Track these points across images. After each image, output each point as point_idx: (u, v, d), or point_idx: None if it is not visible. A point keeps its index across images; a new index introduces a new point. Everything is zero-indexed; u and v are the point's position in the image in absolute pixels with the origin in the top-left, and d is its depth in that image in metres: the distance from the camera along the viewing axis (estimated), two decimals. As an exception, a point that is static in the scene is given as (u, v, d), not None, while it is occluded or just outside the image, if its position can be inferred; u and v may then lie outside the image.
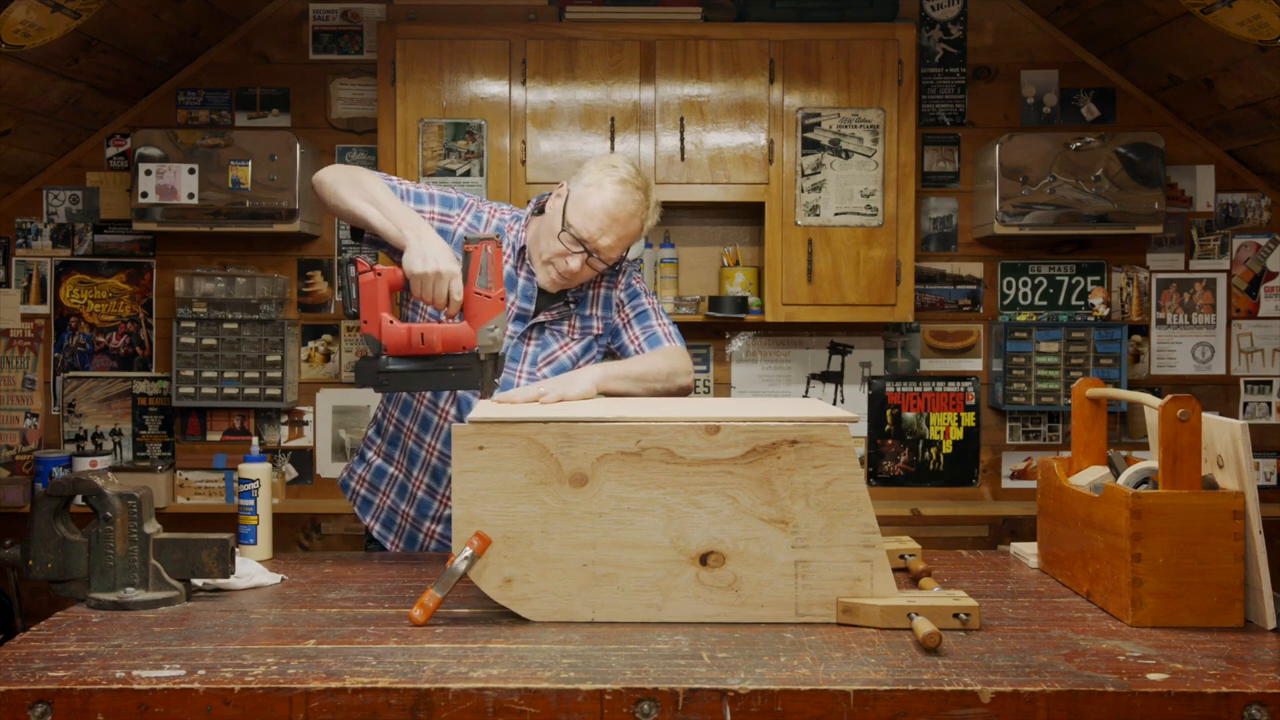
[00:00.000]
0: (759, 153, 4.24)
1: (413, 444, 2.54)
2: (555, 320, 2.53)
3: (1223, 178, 4.57)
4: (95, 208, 4.56)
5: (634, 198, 2.43)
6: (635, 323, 2.60)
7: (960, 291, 4.60)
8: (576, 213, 2.41)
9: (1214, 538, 1.83)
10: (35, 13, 3.37)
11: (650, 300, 2.64)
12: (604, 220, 2.40)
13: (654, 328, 2.61)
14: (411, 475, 2.55)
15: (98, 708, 1.54)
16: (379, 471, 2.62)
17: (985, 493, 4.61)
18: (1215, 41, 3.78)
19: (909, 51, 4.24)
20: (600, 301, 2.59)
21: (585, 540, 1.88)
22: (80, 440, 4.57)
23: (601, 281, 2.59)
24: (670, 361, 2.54)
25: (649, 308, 2.63)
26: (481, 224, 2.51)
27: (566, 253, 2.42)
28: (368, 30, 4.55)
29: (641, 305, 2.62)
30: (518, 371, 2.50)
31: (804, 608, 1.88)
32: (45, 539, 1.97)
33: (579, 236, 2.40)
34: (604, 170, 2.44)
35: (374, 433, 2.65)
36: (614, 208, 2.40)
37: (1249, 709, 1.53)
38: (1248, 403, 4.60)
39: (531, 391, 2.23)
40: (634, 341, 2.59)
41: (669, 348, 2.59)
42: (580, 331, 2.56)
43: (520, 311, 2.51)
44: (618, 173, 2.43)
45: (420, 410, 2.52)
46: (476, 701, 1.54)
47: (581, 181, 2.45)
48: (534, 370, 2.51)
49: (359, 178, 2.38)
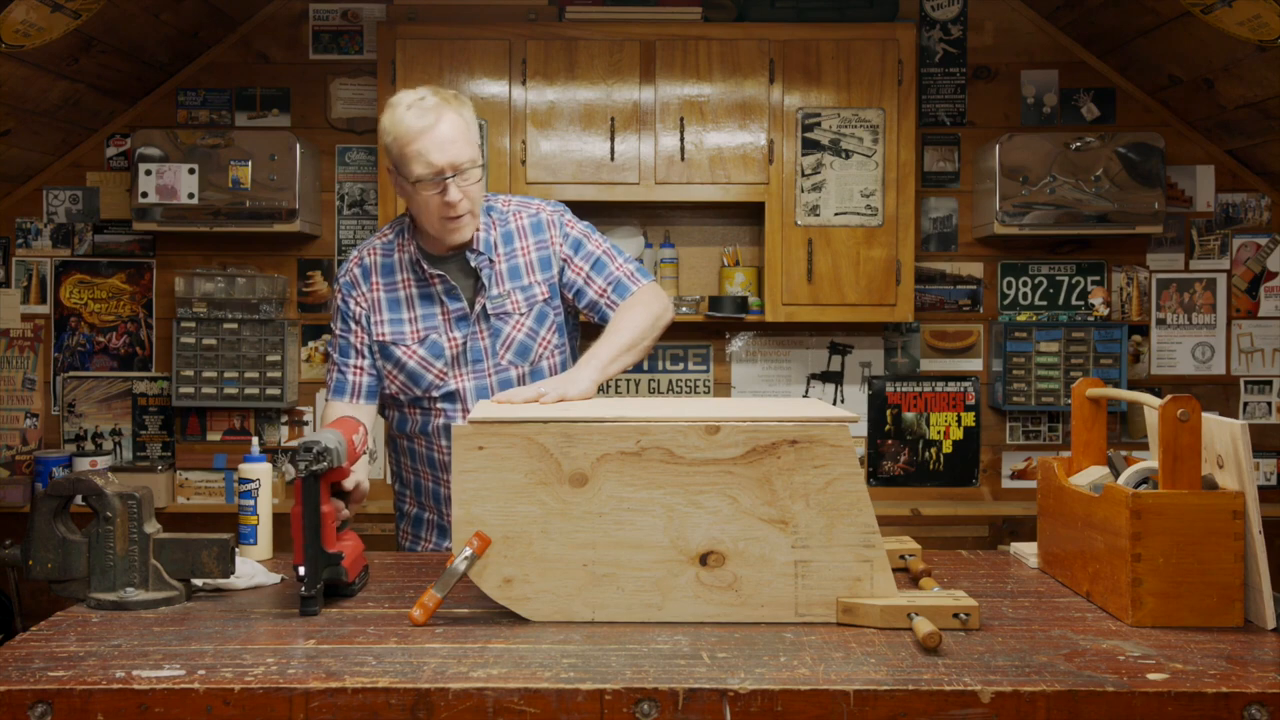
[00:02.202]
0: (759, 153, 4.24)
1: (435, 485, 2.58)
2: (496, 305, 2.49)
3: (1223, 178, 4.57)
4: (95, 208, 4.56)
5: (425, 105, 2.36)
6: (595, 274, 2.52)
7: (960, 291, 4.60)
8: (408, 166, 2.36)
9: (1214, 538, 1.83)
10: (35, 13, 3.37)
11: (597, 242, 2.55)
12: (426, 144, 2.33)
13: (615, 274, 2.52)
14: (444, 514, 2.59)
15: (98, 708, 1.53)
16: (416, 520, 2.66)
17: (985, 493, 4.61)
18: (1215, 41, 3.78)
19: (909, 51, 4.24)
20: (536, 266, 2.52)
21: (585, 540, 1.88)
22: (80, 440, 4.57)
23: (528, 243, 2.53)
24: (649, 311, 2.47)
25: (601, 253, 2.54)
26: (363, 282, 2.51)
27: (439, 197, 2.36)
28: (368, 30, 4.55)
29: (592, 253, 2.53)
30: (485, 369, 2.49)
31: (804, 608, 1.88)
32: (45, 539, 1.97)
33: (429, 175, 2.35)
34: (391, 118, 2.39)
35: (400, 486, 2.68)
36: (420, 128, 2.33)
37: (1249, 709, 1.53)
38: (1248, 403, 4.60)
39: (530, 392, 2.22)
40: (602, 295, 2.51)
41: (640, 291, 2.51)
42: (526, 304, 2.50)
43: (456, 313, 2.49)
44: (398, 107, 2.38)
45: (426, 453, 2.55)
46: (476, 701, 1.54)
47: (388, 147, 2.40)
48: (498, 360, 2.49)
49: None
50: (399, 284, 2.52)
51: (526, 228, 2.55)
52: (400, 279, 2.51)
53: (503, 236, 2.53)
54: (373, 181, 4.54)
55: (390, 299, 2.51)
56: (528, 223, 2.56)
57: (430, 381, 2.49)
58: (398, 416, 2.58)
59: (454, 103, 2.40)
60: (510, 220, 2.56)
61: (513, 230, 2.55)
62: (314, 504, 1.93)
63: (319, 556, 1.93)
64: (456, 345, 2.49)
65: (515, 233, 2.54)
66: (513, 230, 2.55)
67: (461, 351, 2.49)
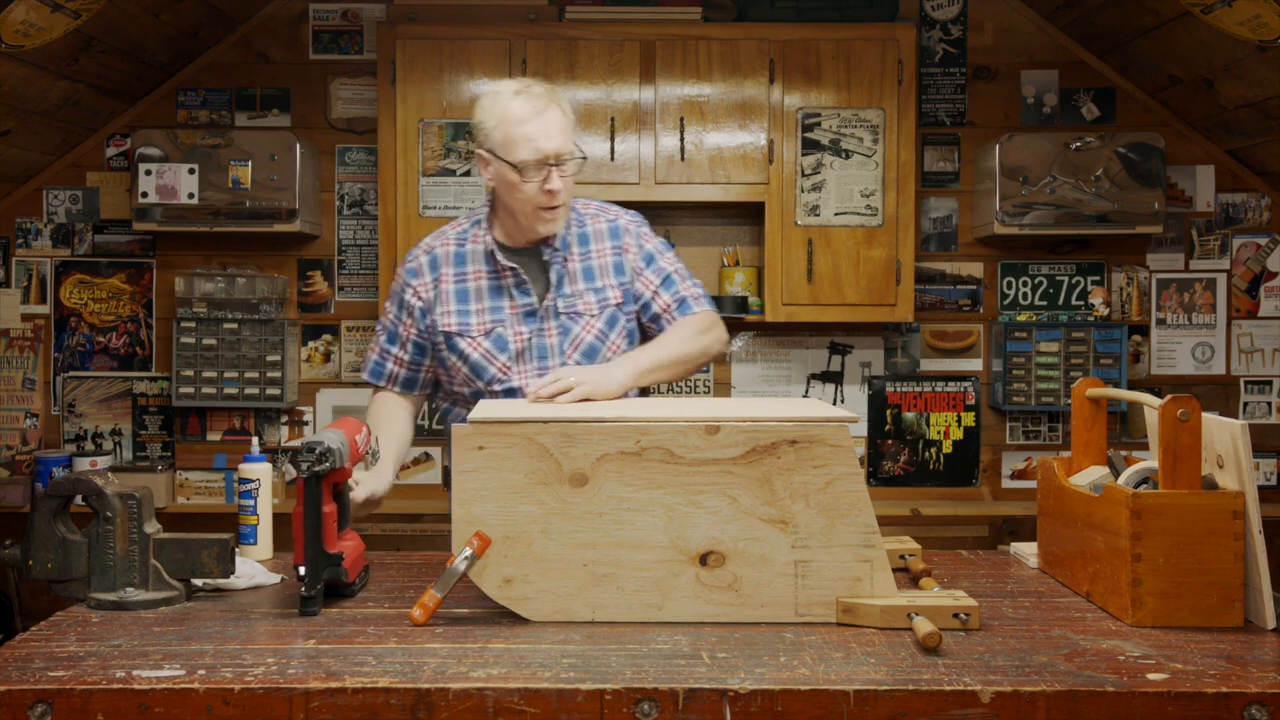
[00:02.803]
0: (759, 153, 4.24)
1: None
2: (569, 303, 2.49)
3: (1223, 178, 4.57)
4: (95, 208, 4.56)
5: (533, 92, 2.40)
6: (663, 290, 2.55)
7: (960, 291, 4.60)
8: (512, 150, 2.37)
9: (1214, 538, 1.83)
10: (35, 13, 3.37)
11: (670, 260, 2.58)
12: (537, 129, 2.36)
13: (681, 293, 2.56)
14: None
15: (98, 708, 1.53)
16: None
17: (985, 493, 4.61)
18: (1215, 41, 3.78)
19: (909, 51, 4.24)
20: (610, 271, 2.54)
21: (585, 540, 1.88)
22: (80, 440, 4.57)
23: (604, 247, 2.55)
24: (700, 337, 2.51)
25: (672, 271, 2.57)
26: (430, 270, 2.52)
27: (541, 185, 2.38)
28: (368, 30, 4.55)
29: (663, 269, 2.56)
30: (551, 367, 2.48)
31: (804, 608, 1.88)
32: (45, 539, 1.97)
33: (537, 160, 2.37)
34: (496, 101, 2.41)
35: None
36: (530, 114, 2.37)
37: (1249, 709, 1.53)
38: (1248, 403, 4.60)
39: (558, 386, 2.21)
40: (665, 310, 2.54)
41: (699, 317, 2.54)
42: (598, 306, 2.51)
43: (525, 308, 2.49)
44: (506, 91, 2.40)
45: None
46: (476, 701, 1.54)
47: (492, 129, 2.41)
48: (565, 360, 2.48)
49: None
50: (469, 275, 2.51)
51: (604, 231, 2.57)
52: (471, 270, 2.51)
53: (579, 237, 2.54)
54: (373, 181, 4.54)
55: (459, 289, 2.51)
56: (605, 227, 2.57)
57: (493, 375, 2.48)
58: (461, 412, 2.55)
59: (557, 95, 2.44)
60: (588, 222, 2.57)
61: (590, 233, 2.56)
62: (315, 504, 1.93)
63: (319, 556, 1.93)
64: (522, 340, 2.48)
65: (592, 235, 2.56)
66: (590, 233, 2.56)
67: (528, 347, 2.48)
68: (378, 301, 4.40)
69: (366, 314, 4.59)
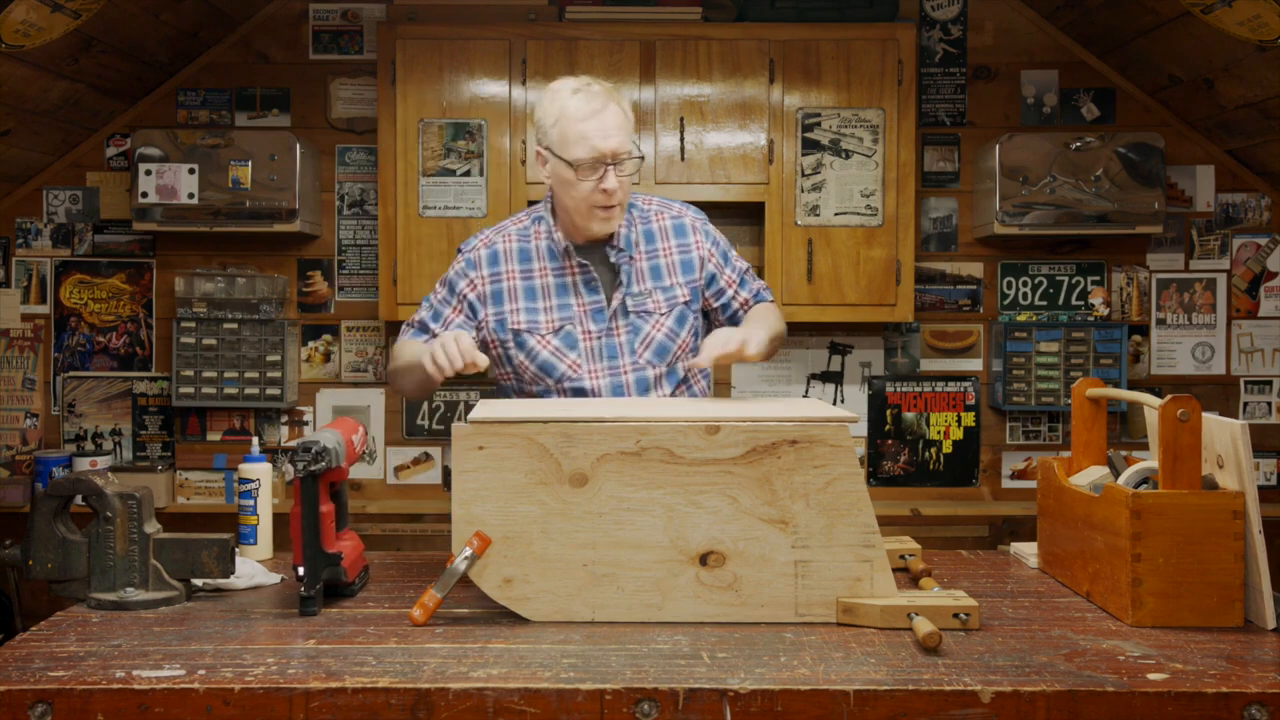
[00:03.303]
0: (759, 153, 4.24)
1: None
2: (637, 302, 2.48)
3: (1223, 178, 4.56)
4: (95, 208, 4.56)
5: (593, 90, 2.39)
6: (741, 288, 2.59)
7: (960, 291, 4.60)
8: (569, 147, 2.37)
9: (1214, 538, 1.83)
10: (35, 13, 3.37)
11: (739, 257, 2.63)
12: (593, 127, 2.35)
13: (756, 289, 2.61)
14: None
15: (98, 708, 1.54)
16: None
17: (985, 493, 4.61)
18: (1215, 41, 3.78)
19: (909, 51, 4.24)
20: (678, 268, 2.52)
21: (585, 540, 1.88)
22: (80, 440, 4.57)
23: (670, 244, 2.54)
24: (781, 321, 2.60)
25: (745, 269, 2.62)
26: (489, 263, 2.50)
27: (595, 184, 2.37)
28: (368, 30, 4.55)
29: (739, 267, 2.60)
30: (621, 366, 2.46)
31: (804, 608, 1.88)
32: (45, 539, 1.97)
33: (593, 159, 2.35)
34: (555, 100, 2.41)
35: None
36: (588, 111, 2.36)
37: (1249, 709, 1.53)
38: (1248, 403, 4.60)
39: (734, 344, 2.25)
40: (744, 306, 2.58)
41: (775, 307, 2.62)
42: (667, 304, 2.50)
43: (594, 306, 2.47)
44: (566, 89, 2.40)
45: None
46: (476, 701, 1.54)
47: (551, 125, 2.41)
48: (636, 359, 2.46)
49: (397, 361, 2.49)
50: (535, 272, 2.49)
51: (669, 229, 2.55)
52: (537, 267, 2.49)
53: (644, 235, 2.53)
54: (373, 181, 4.54)
55: (526, 286, 2.48)
56: (670, 224, 2.56)
57: (563, 372, 2.45)
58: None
59: (616, 94, 2.42)
60: (652, 220, 2.56)
61: (654, 230, 2.54)
62: (313, 504, 1.93)
63: (318, 556, 1.93)
64: (591, 339, 2.46)
65: (657, 233, 2.54)
66: (654, 230, 2.54)
67: (597, 346, 2.46)
68: (378, 301, 4.40)
69: (366, 314, 4.59)
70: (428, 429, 4.58)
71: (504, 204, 4.23)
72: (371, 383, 4.59)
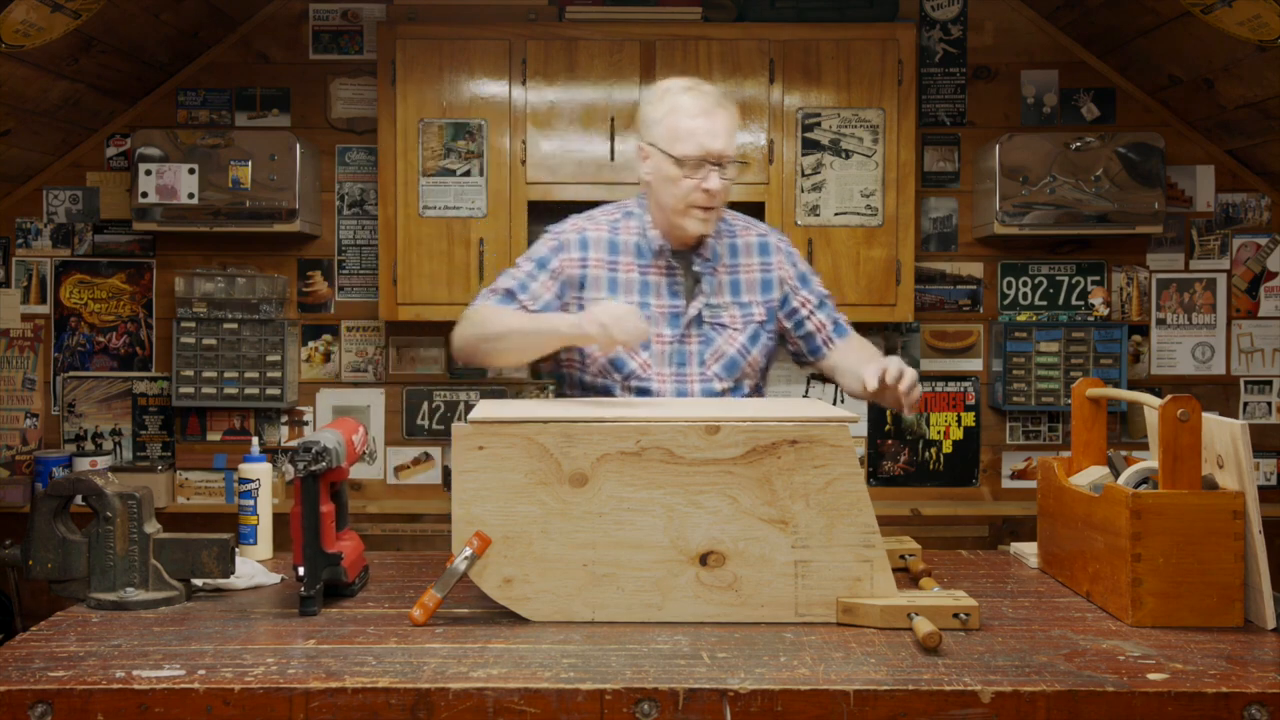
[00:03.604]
0: (759, 152, 4.24)
1: None
2: (712, 314, 2.46)
3: (1223, 178, 4.56)
4: (95, 208, 4.56)
5: (704, 90, 2.38)
6: (818, 311, 2.54)
7: (960, 291, 4.60)
8: (675, 143, 2.35)
9: (1214, 538, 1.83)
10: (35, 13, 3.37)
11: (819, 282, 2.59)
12: (701, 125, 2.33)
13: (835, 315, 2.57)
14: None
15: (98, 708, 1.53)
16: None
17: (985, 493, 4.61)
18: (1215, 41, 3.78)
19: (909, 51, 4.24)
20: (757, 287, 2.50)
21: (585, 540, 1.88)
22: (80, 440, 4.57)
23: (753, 262, 2.51)
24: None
25: (824, 294, 2.58)
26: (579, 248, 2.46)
27: (696, 182, 2.35)
28: (368, 30, 4.55)
29: (818, 291, 2.56)
30: (689, 375, 2.44)
31: (804, 608, 1.88)
32: (45, 539, 1.97)
33: (696, 156, 2.33)
34: (666, 97, 2.39)
35: None
36: (699, 110, 2.35)
37: (1249, 709, 1.53)
38: (1248, 403, 4.60)
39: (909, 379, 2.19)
40: (820, 330, 2.54)
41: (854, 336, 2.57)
42: (742, 320, 2.48)
43: (672, 309, 2.44)
44: (677, 87, 2.39)
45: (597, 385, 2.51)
46: (476, 701, 1.54)
47: (658, 122, 2.39)
48: (705, 370, 2.44)
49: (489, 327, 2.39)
50: (620, 265, 2.46)
51: (754, 246, 2.53)
52: (623, 260, 2.46)
53: (729, 249, 2.50)
54: (373, 181, 4.54)
55: (610, 278, 2.46)
56: (755, 241, 2.54)
57: (633, 370, 2.43)
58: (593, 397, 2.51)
59: (726, 99, 2.42)
60: (738, 235, 2.53)
61: (739, 245, 2.52)
62: (313, 504, 1.93)
63: (318, 556, 1.93)
64: (664, 342, 2.44)
65: (741, 249, 2.52)
66: (739, 245, 2.52)
67: (669, 351, 2.44)
68: (378, 301, 4.40)
69: (366, 314, 4.59)
70: (428, 429, 4.58)
71: (504, 204, 4.23)
72: (371, 383, 4.59)
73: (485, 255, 4.24)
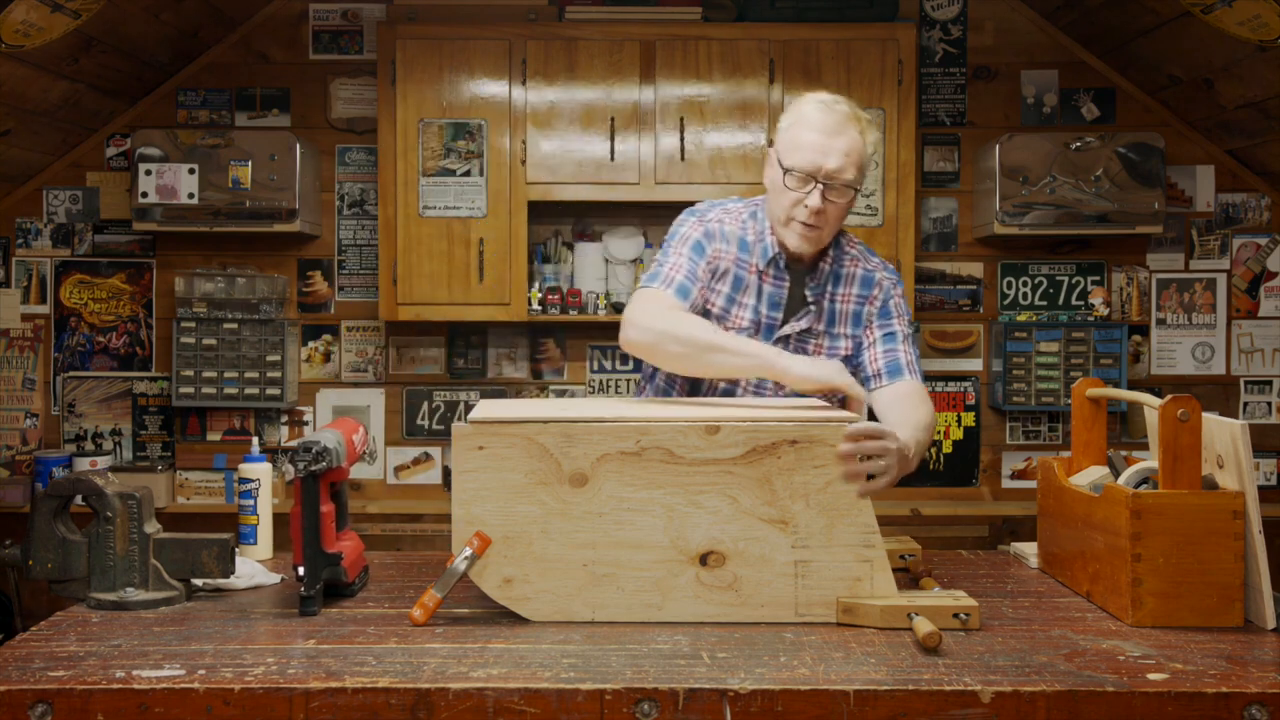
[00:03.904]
0: (759, 153, 4.24)
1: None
2: (801, 337, 2.39)
3: (1223, 178, 4.56)
4: (95, 208, 4.56)
5: (838, 109, 2.30)
6: (880, 343, 2.42)
7: (960, 291, 4.60)
8: (790, 153, 2.30)
9: (1214, 538, 1.83)
10: (35, 13, 3.37)
11: (902, 323, 2.44)
12: (819, 141, 2.27)
13: (896, 354, 2.41)
14: None
15: (98, 708, 1.53)
16: None
17: (985, 493, 4.61)
18: (1215, 41, 3.78)
19: (909, 51, 4.24)
20: (850, 319, 2.43)
21: (585, 540, 1.88)
22: (80, 440, 4.57)
23: (851, 292, 2.43)
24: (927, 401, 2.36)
25: (899, 331, 2.43)
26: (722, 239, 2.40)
27: (800, 197, 2.29)
28: (368, 30, 4.55)
29: (891, 326, 2.43)
30: (768, 389, 2.40)
31: (804, 608, 1.88)
32: (45, 539, 1.97)
33: (806, 171, 2.28)
34: (798, 106, 2.34)
35: None
36: (821, 125, 2.28)
37: (1249, 709, 1.53)
38: (1248, 403, 4.60)
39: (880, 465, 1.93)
40: (873, 362, 2.41)
41: (915, 387, 2.38)
42: (828, 353, 2.41)
43: (769, 321, 2.39)
44: (811, 100, 2.33)
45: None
46: (476, 701, 1.54)
47: (783, 130, 2.34)
48: (779, 392, 2.38)
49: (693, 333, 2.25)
50: (748, 265, 2.41)
51: (857, 277, 2.44)
52: (749, 261, 2.40)
53: (833, 276, 2.43)
54: (373, 181, 4.54)
55: (737, 275, 2.40)
56: (860, 273, 2.44)
57: None
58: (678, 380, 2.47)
59: (861, 122, 2.32)
60: (846, 263, 2.44)
61: (844, 274, 2.43)
62: (313, 504, 1.93)
63: (318, 556, 1.93)
64: None
65: (844, 278, 2.43)
66: (844, 274, 2.43)
67: None
68: (378, 301, 4.39)
69: (366, 314, 4.59)
70: (428, 429, 4.58)
71: (504, 204, 4.23)
72: (371, 383, 4.59)
73: (485, 255, 4.24)
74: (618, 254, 4.44)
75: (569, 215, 4.55)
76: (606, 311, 4.37)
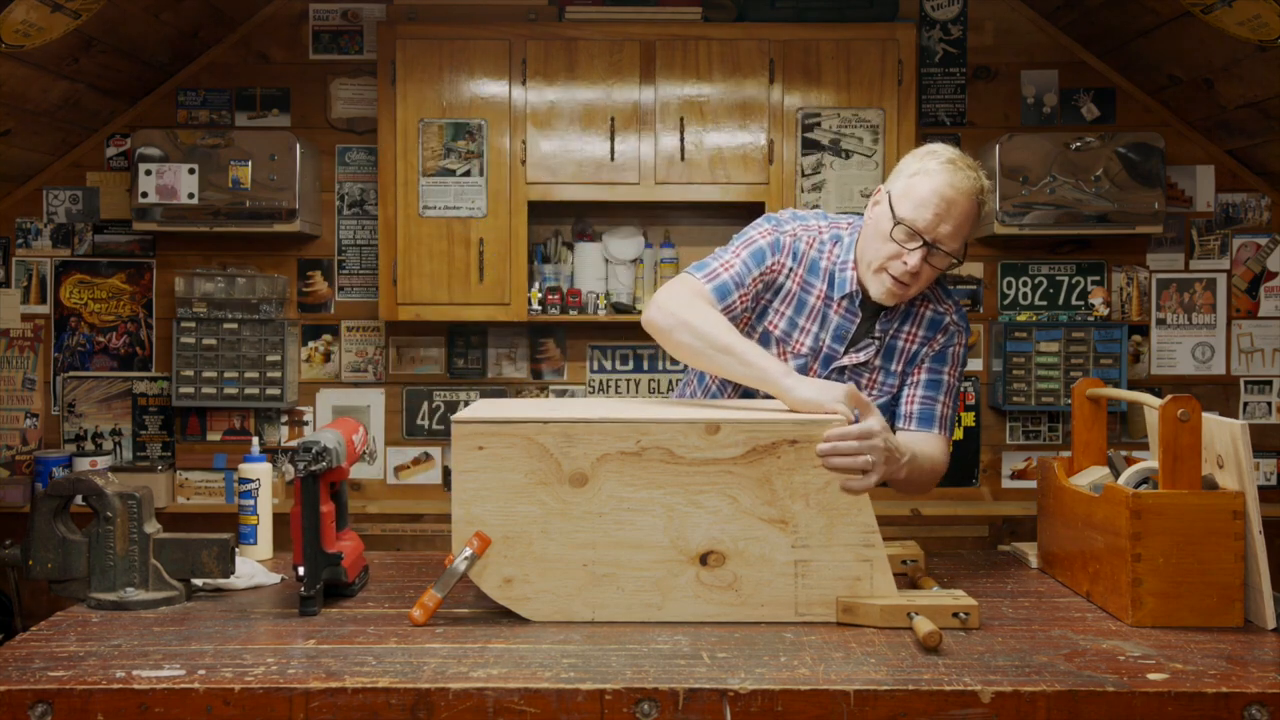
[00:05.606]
0: (759, 153, 4.24)
1: None
2: (856, 369, 2.34)
3: (1223, 178, 4.56)
4: (95, 208, 4.56)
5: (966, 175, 2.20)
6: (921, 389, 2.34)
7: (960, 291, 4.60)
8: (906, 204, 2.19)
9: (1214, 538, 1.83)
10: (35, 13, 3.37)
11: (953, 375, 2.36)
12: (938, 204, 2.17)
13: (933, 404, 2.34)
14: None
15: (98, 708, 1.54)
16: None
17: (985, 493, 4.61)
18: (1215, 41, 3.78)
19: (909, 51, 4.24)
20: (907, 357, 2.36)
21: (585, 540, 1.88)
22: (80, 440, 4.57)
23: (915, 332, 2.35)
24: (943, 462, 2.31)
25: (946, 381, 2.35)
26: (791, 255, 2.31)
27: (901, 252, 2.20)
28: (368, 30, 4.55)
29: (939, 374, 2.35)
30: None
31: (804, 607, 1.88)
32: (45, 539, 1.97)
33: (915, 228, 2.18)
34: (924, 156, 2.24)
35: None
36: (947, 189, 2.17)
37: (1249, 709, 1.53)
38: (1248, 403, 4.60)
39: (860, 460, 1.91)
40: (908, 404, 2.34)
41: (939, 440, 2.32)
42: (880, 388, 2.35)
43: (829, 351, 2.33)
44: (941, 155, 2.22)
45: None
46: (476, 701, 1.54)
47: (904, 174, 2.24)
48: None
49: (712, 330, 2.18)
50: (814, 290, 2.33)
51: (925, 318, 2.36)
52: (818, 287, 2.33)
53: (902, 315, 2.35)
54: (373, 181, 4.54)
55: (800, 298, 2.33)
56: (929, 315, 2.36)
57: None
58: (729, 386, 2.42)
59: (985, 192, 2.25)
60: (918, 302, 2.36)
61: (914, 313, 2.36)
62: (313, 504, 1.93)
63: (318, 556, 1.93)
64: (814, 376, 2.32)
65: (913, 317, 2.36)
66: (914, 313, 2.36)
67: None
68: (378, 301, 4.40)
69: (366, 314, 4.59)
70: (428, 429, 4.58)
71: (504, 204, 4.23)
72: (371, 383, 4.59)
73: (485, 255, 4.24)
74: (618, 254, 4.44)
75: (569, 215, 4.55)
76: (606, 311, 4.37)
